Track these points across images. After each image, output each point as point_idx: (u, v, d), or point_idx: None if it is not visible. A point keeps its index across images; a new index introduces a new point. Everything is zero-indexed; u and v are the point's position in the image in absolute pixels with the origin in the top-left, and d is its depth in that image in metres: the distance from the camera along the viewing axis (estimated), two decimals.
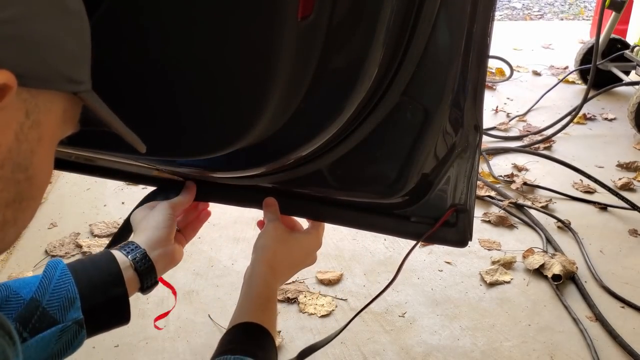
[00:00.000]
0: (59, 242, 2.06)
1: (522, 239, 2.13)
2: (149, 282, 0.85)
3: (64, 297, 0.74)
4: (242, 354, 0.75)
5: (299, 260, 0.97)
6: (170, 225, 0.90)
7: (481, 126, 0.93)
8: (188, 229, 1.03)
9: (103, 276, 0.79)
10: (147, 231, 0.88)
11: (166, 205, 0.93)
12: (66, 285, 0.75)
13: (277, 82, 0.71)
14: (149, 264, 0.84)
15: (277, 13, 0.66)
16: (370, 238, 2.11)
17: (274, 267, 0.91)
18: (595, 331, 1.70)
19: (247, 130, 0.74)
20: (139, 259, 0.83)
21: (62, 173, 2.48)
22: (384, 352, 1.64)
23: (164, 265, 0.88)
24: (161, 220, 0.90)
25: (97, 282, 0.78)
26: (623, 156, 2.68)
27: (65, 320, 0.73)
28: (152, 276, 0.85)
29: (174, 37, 0.69)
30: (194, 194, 0.98)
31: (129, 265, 0.83)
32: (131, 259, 0.83)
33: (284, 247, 0.93)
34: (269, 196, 0.99)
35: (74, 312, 0.74)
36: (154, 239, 0.87)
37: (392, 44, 0.80)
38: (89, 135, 0.54)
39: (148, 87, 0.73)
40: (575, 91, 3.49)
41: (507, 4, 6.12)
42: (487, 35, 0.86)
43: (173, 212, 0.92)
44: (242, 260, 1.98)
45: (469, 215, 0.99)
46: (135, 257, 0.83)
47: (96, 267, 0.80)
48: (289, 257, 0.94)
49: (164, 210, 0.91)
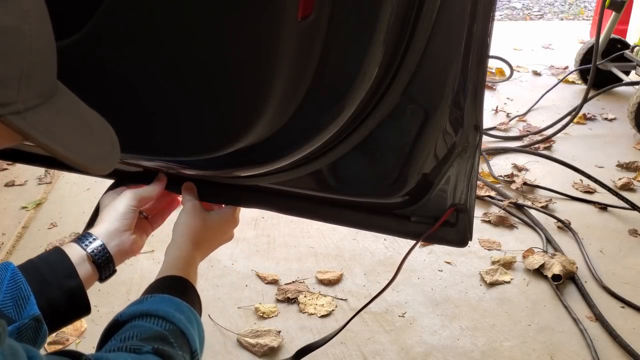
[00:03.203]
0: (59, 242, 2.06)
1: (522, 239, 2.13)
2: (107, 272, 0.88)
3: (17, 295, 0.75)
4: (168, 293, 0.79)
5: (216, 236, 1.00)
6: (130, 217, 0.92)
7: (481, 126, 0.93)
8: (157, 217, 1.03)
9: (55, 271, 0.81)
10: (106, 222, 0.90)
11: (130, 195, 0.94)
12: (18, 284, 0.76)
13: (277, 82, 0.71)
14: (107, 256, 0.87)
15: (277, 13, 0.66)
16: (370, 238, 2.11)
17: (194, 241, 0.93)
18: (595, 331, 1.71)
19: (247, 130, 0.74)
20: (97, 251, 0.86)
21: (62, 173, 2.48)
22: (384, 352, 1.64)
23: (121, 255, 0.90)
24: (122, 211, 0.91)
25: (50, 278, 0.80)
26: (623, 156, 2.68)
27: (21, 319, 0.74)
28: (109, 267, 0.88)
29: (174, 37, 0.69)
30: (162, 187, 0.99)
31: (86, 258, 0.85)
32: (89, 252, 0.85)
33: (201, 224, 0.95)
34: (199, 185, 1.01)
35: (29, 309, 0.75)
36: (112, 229, 0.89)
37: (392, 44, 0.80)
38: None
39: (148, 87, 0.73)
40: (575, 91, 3.49)
41: (507, 4, 6.12)
42: (487, 35, 0.86)
43: (136, 204, 0.93)
44: (242, 261, 1.98)
45: (469, 215, 0.99)
46: (94, 250, 0.86)
47: (46, 263, 0.82)
48: (206, 232, 0.96)
49: (126, 200, 0.93)
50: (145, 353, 0.68)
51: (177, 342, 0.72)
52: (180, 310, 0.77)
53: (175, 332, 0.73)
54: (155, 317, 0.74)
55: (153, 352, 0.68)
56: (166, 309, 0.75)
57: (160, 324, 0.73)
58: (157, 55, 0.71)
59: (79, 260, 0.84)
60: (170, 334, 0.72)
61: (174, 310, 0.76)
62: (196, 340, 0.76)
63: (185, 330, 0.74)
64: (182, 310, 0.77)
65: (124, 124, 0.71)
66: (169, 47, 0.70)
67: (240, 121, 0.74)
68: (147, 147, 0.79)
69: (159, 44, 0.70)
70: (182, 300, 0.79)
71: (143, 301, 0.78)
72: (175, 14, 0.68)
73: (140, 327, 0.72)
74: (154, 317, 0.74)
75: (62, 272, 0.82)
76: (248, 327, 1.70)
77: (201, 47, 0.69)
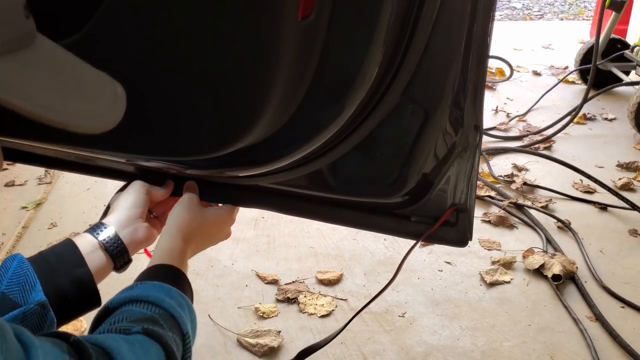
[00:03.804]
0: (59, 242, 2.06)
1: (522, 239, 2.13)
2: (122, 261, 0.88)
3: (23, 281, 0.75)
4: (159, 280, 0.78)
5: (211, 233, 0.99)
6: (142, 205, 0.92)
7: (481, 126, 0.93)
8: (162, 218, 1.03)
9: (63, 260, 0.81)
10: (118, 212, 0.90)
11: (140, 185, 0.94)
12: (24, 271, 0.76)
13: (277, 82, 0.71)
14: (119, 242, 0.87)
15: (277, 13, 0.66)
16: (370, 238, 2.11)
17: (186, 234, 0.92)
18: (595, 331, 1.71)
19: (247, 130, 0.74)
20: (109, 239, 0.86)
21: (62, 173, 2.48)
22: (384, 352, 1.64)
23: (135, 244, 0.90)
24: (132, 199, 0.91)
25: (57, 266, 0.80)
26: (623, 156, 2.68)
27: (27, 303, 0.74)
28: (124, 256, 0.88)
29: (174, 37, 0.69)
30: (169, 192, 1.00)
31: (98, 246, 0.85)
32: (101, 240, 0.85)
33: (196, 218, 0.94)
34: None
35: (35, 294, 0.74)
36: (123, 218, 0.89)
37: (392, 44, 0.80)
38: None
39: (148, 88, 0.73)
40: (575, 91, 3.49)
41: (507, 4, 6.12)
42: (487, 35, 0.86)
43: (147, 196, 0.94)
44: (242, 261, 1.98)
45: (469, 215, 0.99)
46: (105, 238, 0.86)
47: (55, 254, 0.82)
48: (201, 228, 0.95)
49: (137, 190, 0.93)
50: (134, 333, 0.67)
51: (167, 325, 0.71)
52: (170, 296, 0.76)
53: (165, 315, 0.73)
54: (145, 303, 0.73)
55: (142, 332, 0.67)
56: (156, 294, 0.75)
57: (150, 308, 0.73)
58: (156, 55, 0.71)
59: (91, 248, 0.84)
60: (160, 317, 0.72)
61: (164, 295, 0.76)
62: (187, 324, 0.75)
63: (175, 314, 0.74)
64: (172, 296, 0.77)
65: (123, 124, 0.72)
66: (168, 47, 0.70)
67: (240, 121, 0.74)
68: (147, 147, 0.79)
69: (158, 44, 0.70)
70: (171, 286, 0.78)
71: (133, 288, 0.77)
72: (175, 14, 0.68)
73: (130, 312, 0.72)
74: (144, 302, 0.73)
75: (71, 261, 0.82)
76: (248, 327, 1.70)
77: (201, 47, 0.69)
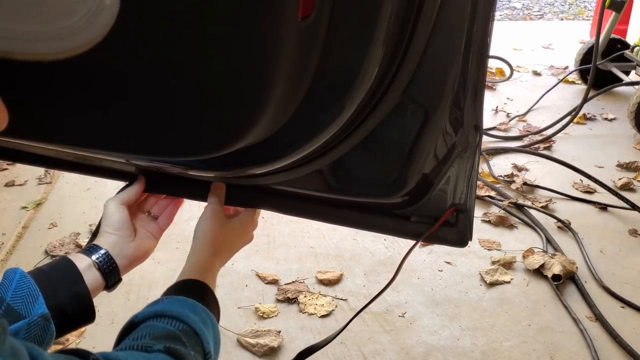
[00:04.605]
0: (59, 242, 2.06)
1: (522, 239, 2.13)
2: (113, 280, 0.90)
3: (26, 294, 0.75)
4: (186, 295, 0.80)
5: (235, 242, 1.02)
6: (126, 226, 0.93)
7: (481, 126, 0.93)
8: (163, 217, 1.03)
9: (63, 276, 0.83)
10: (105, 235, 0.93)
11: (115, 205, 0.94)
12: (27, 284, 0.76)
13: (277, 82, 0.71)
14: (112, 262, 0.89)
15: (277, 13, 0.66)
16: (370, 238, 2.11)
17: (215, 248, 0.96)
18: (595, 331, 1.71)
19: (247, 130, 0.74)
20: (102, 258, 0.89)
21: (62, 173, 2.48)
22: (384, 352, 1.64)
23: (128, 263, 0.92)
24: (115, 221, 0.93)
25: (58, 281, 0.82)
26: (623, 156, 2.69)
27: (30, 315, 0.74)
28: (115, 275, 0.90)
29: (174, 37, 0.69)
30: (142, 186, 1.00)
31: (92, 265, 0.87)
32: (94, 259, 0.88)
33: (221, 231, 0.97)
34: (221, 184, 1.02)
35: (38, 307, 0.75)
36: (111, 241, 0.92)
37: (392, 44, 0.80)
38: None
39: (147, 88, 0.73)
40: (575, 91, 3.49)
41: (507, 4, 6.12)
42: (487, 35, 0.86)
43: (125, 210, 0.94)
44: (242, 261, 1.98)
45: (469, 215, 0.99)
46: (99, 258, 0.88)
47: (54, 269, 0.84)
48: (226, 239, 0.98)
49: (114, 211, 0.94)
50: (155, 351, 0.68)
51: (189, 342, 0.72)
52: (195, 311, 0.77)
53: (188, 332, 0.73)
54: (169, 317, 0.74)
55: (164, 351, 0.68)
56: (180, 310, 0.76)
57: (173, 324, 0.73)
58: (156, 55, 0.71)
59: (85, 267, 0.86)
60: (183, 334, 0.72)
61: (188, 310, 0.76)
62: (210, 342, 0.76)
63: (198, 331, 0.74)
64: (197, 311, 0.78)
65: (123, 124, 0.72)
66: (168, 47, 0.70)
67: (240, 121, 0.74)
68: (146, 147, 0.79)
69: (158, 44, 0.70)
70: (197, 302, 0.80)
71: (159, 302, 0.78)
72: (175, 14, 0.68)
73: (154, 327, 0.73)
74: (168, 317, 0.74)
75: (70, 277, 0.83)
76: (248, 327, 1.70)
77: (201, 47, 0.69)
